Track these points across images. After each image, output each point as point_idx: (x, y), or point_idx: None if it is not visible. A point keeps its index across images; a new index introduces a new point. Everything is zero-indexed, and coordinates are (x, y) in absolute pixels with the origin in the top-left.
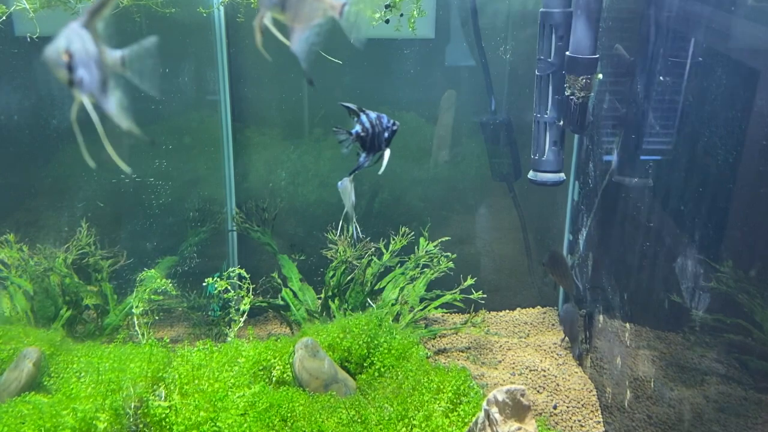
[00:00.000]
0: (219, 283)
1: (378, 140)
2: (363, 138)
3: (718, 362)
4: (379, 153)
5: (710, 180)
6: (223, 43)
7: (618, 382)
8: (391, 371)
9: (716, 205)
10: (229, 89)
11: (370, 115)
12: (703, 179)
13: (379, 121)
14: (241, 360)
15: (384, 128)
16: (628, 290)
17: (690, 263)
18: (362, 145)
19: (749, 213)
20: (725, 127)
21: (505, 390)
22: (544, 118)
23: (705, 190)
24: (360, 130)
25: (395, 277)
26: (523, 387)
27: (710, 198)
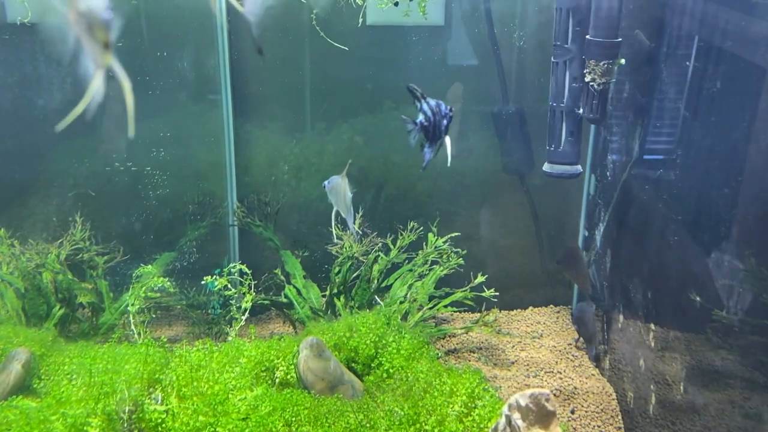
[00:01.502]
0: (219, 280)
1: (438, 129)
2: (426, 128)
3: (756, 368)
4: (440, 142)
5: (746, 169)
6: (224, 30)
7: (641, 387)
8: (401, 372)
9: (756, 196)
10: (230, 79)
11: (430, 102)
12: (738, 169)
13: (438, 109)
14: (243, 360)
15: (443, 115)
16: (652, 289)
17: (725, 260)
18: (425, 135)
19: None
20: (764, 115)
21: (529, 394)
22: (560, 107)
23: (739, 181)
24: (423, 119)
25: (403, 274)
26: (547, 391)
27: (747, 189)
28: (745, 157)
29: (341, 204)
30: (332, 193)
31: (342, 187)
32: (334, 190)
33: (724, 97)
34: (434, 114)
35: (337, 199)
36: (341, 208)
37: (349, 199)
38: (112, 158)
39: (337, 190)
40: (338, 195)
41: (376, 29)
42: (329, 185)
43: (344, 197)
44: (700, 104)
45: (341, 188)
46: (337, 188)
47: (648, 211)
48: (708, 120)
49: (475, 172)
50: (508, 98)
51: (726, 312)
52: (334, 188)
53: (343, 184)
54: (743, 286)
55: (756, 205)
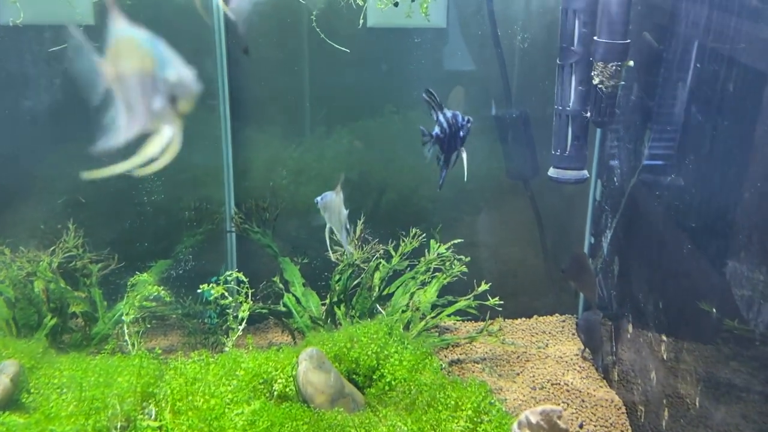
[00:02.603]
0: (215, 288)
1: (454, 141)
2: (441, 140)
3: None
4: (456, 155)
5: (762, 174)
6: (222, 33)
7: (653, 401)
8: (403, 385)
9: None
10: (228, 82)
11: (447, 113)
12: (753, 173)
13: (454, 120)
14: (240, 373)
15: (459, 126)
16: (664, 298)
17: (740, 268)
18: (440, 148)
19: None
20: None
21: (540, 411)
22: (566, 110)
23: (755, 186)
24: (439, 131)
25: (405, 282)
26: (560, 408)
27: (763, 194)
28: (761, 161)
29: (335, 221)
30: (325, 210)
31: (336, 203)
32: (328, 207)
33: (737, 100)
34: (450, 126)
35: (331, 215)
36: (335, 226)
37: (344, 216)
38: (106, 164)
39: (331, 206)
40: (332, 212)
41: (377, 32)
42: (322, 201)
43: (338, 214)
44: (711, 107)
45: (335, 205)
46: (330, 205)
47: (657, 217)
48: (721, 123)
49: (478, 178)
50: (511, 102)
51: (741, 323)
52: (327, 205)
53: (337, 201)
54: (760, 295)
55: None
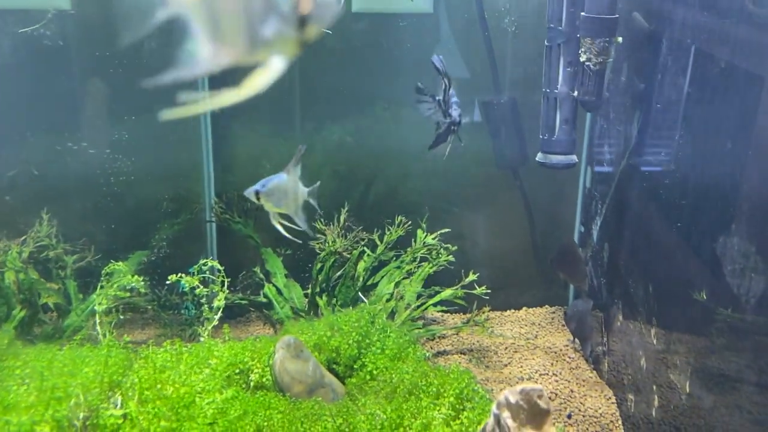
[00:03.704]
0: (187, 278)
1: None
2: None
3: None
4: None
5: (754, 156)
6: None
7: (642, 389)
8: (385, 374)
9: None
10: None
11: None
12: (745, 156)
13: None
14: (213, 361)
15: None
16: (654, 283)
17: (733, 253)
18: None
19: None
20: None
21: (519, 390)
22: (554, 93)
23: (746, 168)
24: (457, 115)
25: (390, 272)
26: (540, 387)
27: (755, 176)
28: (752, 144)
29: (291, 206)
30: (272, 198)
31: (289, 185)
32: (276, 193)
33: (728, 80)
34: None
35: (283, 200)
36: (292, 211)
37: (303, 195)
38: (82, 153)
39: (281, 190)
40: (284, 196)
41: (363, 17)
42: (265, 189)
43: (294, 198)
44: (702, 89)
45: (288, 187)
46: (279, 189)
47: (648, 201)
48: (711, 106)
49: (466, 167)
50: (499, 87)
51: (732, 307)
52: (275, 190)
53: (290, 182)
54: (752, 281)
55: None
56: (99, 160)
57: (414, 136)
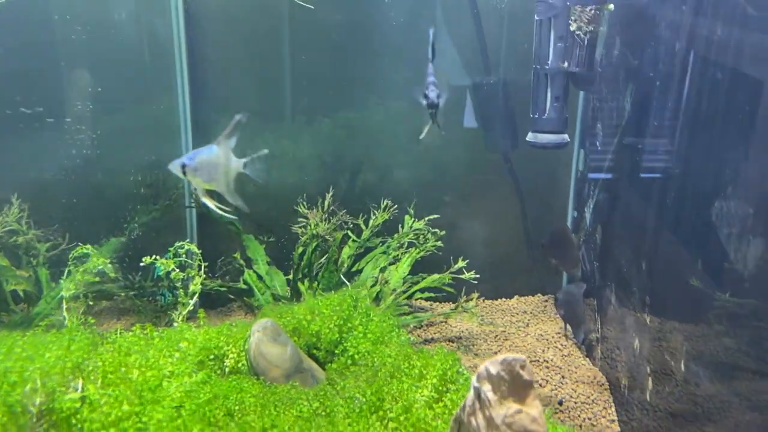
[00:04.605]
0: (161, 261)
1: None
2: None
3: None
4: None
5: (751, 132)
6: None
7: (637, 372)
8: (367, 358)
9: None
10: (187, 71)
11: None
12: (742, 132)
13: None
14: (184, 345)
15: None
16: (647, 261)
17: (727, 225)
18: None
19: None
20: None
21: (501, 360)
22: (544, 69)
23: (745, 145)
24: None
25: (375, 257)
26: (523, 357)
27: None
28: (749, 119)
29: (221, 180)
30: (201, 172)
31: (221, 158)
32: (205, 167)
33: (722, 55)
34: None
35: (214, 175)
36: (221, 186)
37: (235, 167)
38: (60, 140)
39: (212, 165)
40: (214, 171)
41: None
42: (193, 163)
43: (225, 171)
44: (695, 64)
45: (219, 160)
46: (210, 163)
47: (639, 176)
48: (706, 81)
49: (460, 163)
50: (489, 69)
51: (729, 289)
52: (203, 165)
53: (221, 155)
54: (747, 261)
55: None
56: (77, 146)
57: (404, 127)
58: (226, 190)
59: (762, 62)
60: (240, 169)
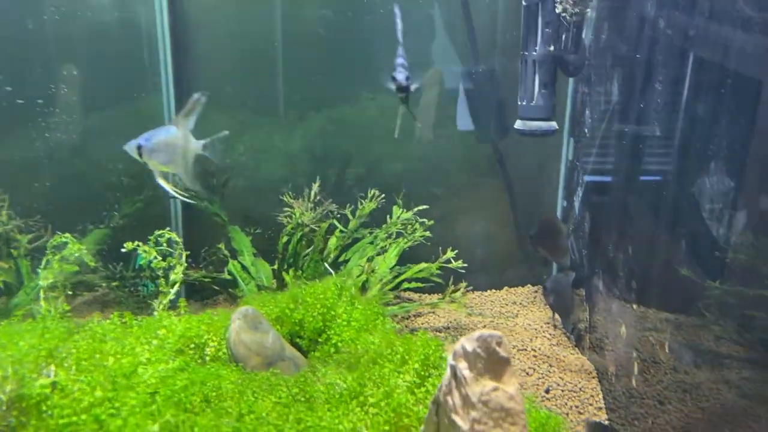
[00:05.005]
0: (142, 248)
1: None
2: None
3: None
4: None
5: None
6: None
7: (623, 358)
8: (350, 345)
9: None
10: (172, 62)
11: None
12: (733, 116)
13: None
14: (162, 332)
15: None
16: (634, 243)
17: (713, 210)
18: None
19: None
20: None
21: (476, 337)
22: (532, 55)
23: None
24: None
25: (362, 247)
26: (499, 333)
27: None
28: (739, 104)
29: (178, 163)
30: (158, 154)
31: (178, 140)
32: (162, 148)
33: (709, 36)
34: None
35: (172, 157)
36: (178, 169)
37: (194, 150)
38: (44, 133)
39: (169, 146)
40: (172, 153)
41: None
42: (148, 144)
43: (184, 153)
44: (685, 49)
45: (176, 142)
46: (167, 144)
47: (626, 159)
48: (696, 64)
49: (453, 158)
50: (477, 57)
51: (714, 279)
52: (160, 146)
53: (180, 136)
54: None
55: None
56: (59, 136)
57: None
58: (184, 172)
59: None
60: (199, 150)
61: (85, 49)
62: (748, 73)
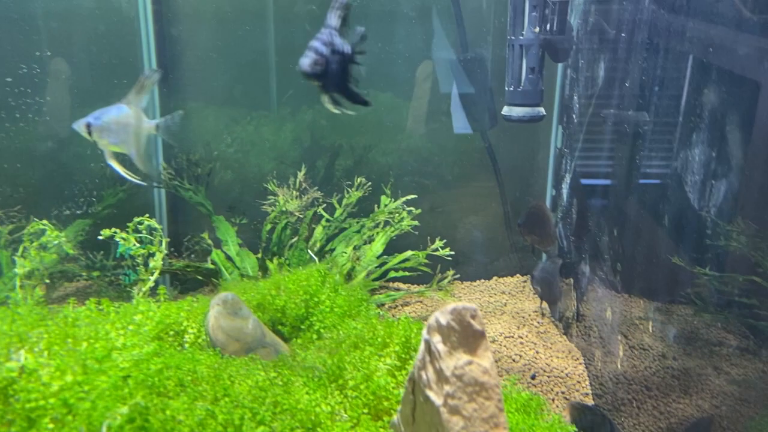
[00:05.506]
0: (120, 235)
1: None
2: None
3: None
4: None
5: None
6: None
7: (609, 340)
8: (332, 331)
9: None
10: (155, 50)
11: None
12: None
13: (330, 40)
14: (138, 318)
15: (338, 53)
16: (618, 225)
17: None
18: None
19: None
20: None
21: (450, 309)
22: (519, 40)
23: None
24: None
25: (349, 236)
26: (474, 306)
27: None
28: (730, 88)
29: (130, 143)
30: (108, 133)
31: (130, 119)
32: (112, 127)
33: (698, 23)
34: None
35: (123, 136)
36: (130, 149)
37: (147, 130)
38: (20, 122)
39: (121, 125)
40: (123, 132)
41: None
42: (98, 122)
43: (136, 133)
44: (672, 32)
45: (128, 121)
46: (118, 123)
47: (610, 141)
48: (683, 44)
49: (444, 150)
50: (466, 44)
51: (701, 264)
52: (110, 125)
53: (133, 115)
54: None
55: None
56: (39, 124)
57: (389, 117)
58: (136, 153)
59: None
60: (152, 131)
61: (66, 36)
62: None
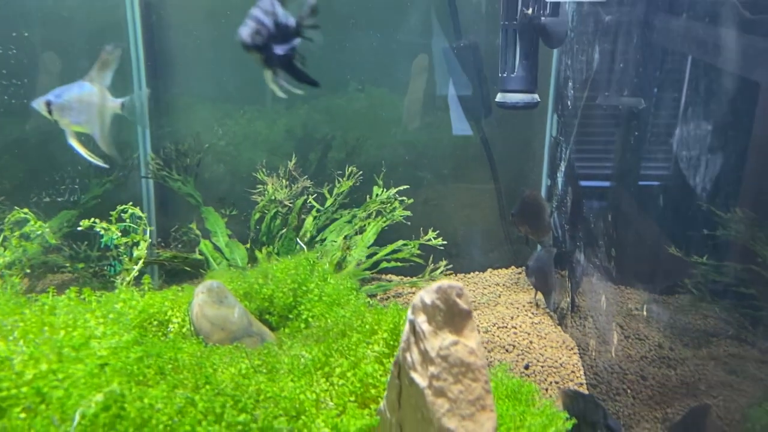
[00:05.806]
0: (100, 224)
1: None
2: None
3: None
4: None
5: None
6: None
7: (603, 329)
8: (321, 320)
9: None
10: (142, 38)
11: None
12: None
13: (272, 10)
14: (119, 305)
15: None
16: (613, 209)
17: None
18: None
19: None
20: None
21: (436, 288)
22: (513, 24)
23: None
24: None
25: (340, 226)
26: (460, 285)
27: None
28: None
29: (93, 122)
30: (69, 112)
31: (93, 97)
32: (74, 106)
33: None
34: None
35: (85, 115)
36: (93, 129)
37: (112, 109)
38: None
39: (82, 103)
40: (86, 111)
41: None
42: (59, 100)
43: (100, 112)
44: (669, 18)
45: (90, 99)
46: (79, 102)
47: (604, 126)
48: (679, 30)
49: (439, 144)
50: (460, 31)
51: (697, 252)
52: (72, 103)
53: (96, 93)
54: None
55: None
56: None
57: (384, 113)
58: (100, 134)
59: None
60: (117, 110)
61: (53, 26)
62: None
